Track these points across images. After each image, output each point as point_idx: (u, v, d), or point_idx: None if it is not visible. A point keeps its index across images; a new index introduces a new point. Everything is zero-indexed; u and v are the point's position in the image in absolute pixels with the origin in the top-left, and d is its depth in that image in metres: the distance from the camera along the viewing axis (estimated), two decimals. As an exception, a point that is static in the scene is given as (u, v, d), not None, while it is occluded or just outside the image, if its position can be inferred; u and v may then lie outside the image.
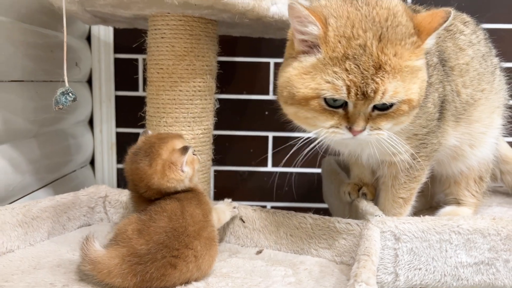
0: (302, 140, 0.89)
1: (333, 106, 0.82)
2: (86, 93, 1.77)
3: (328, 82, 0.79)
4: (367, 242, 0.84)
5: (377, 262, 0.79)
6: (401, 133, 0.96)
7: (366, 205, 1.08)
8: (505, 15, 1.79)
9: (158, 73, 1.23)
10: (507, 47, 1.81)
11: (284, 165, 1.90)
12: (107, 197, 1.19)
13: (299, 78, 0.83)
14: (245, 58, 1.84)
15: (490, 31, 1.82)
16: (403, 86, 0.80)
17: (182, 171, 0.89)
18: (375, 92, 0.79)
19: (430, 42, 0.84)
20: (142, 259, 0.79)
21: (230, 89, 1.86)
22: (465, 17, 1.19)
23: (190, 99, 1.23)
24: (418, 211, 1.25)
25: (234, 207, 1.06)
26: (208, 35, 1.24)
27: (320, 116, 0.83)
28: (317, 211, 1.07)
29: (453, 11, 0.94)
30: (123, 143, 1.86)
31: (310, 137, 0.88)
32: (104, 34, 1.78)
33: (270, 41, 1.73)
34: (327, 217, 1.02)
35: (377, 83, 0.79)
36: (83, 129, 1.77)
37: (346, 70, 0.78)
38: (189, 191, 0.92)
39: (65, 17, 1.06)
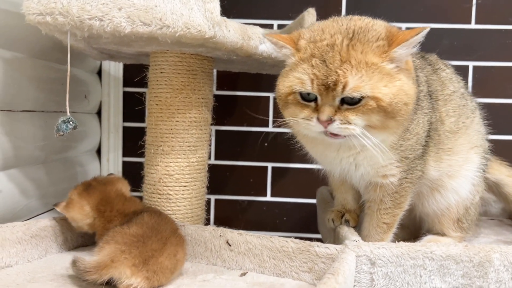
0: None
1: (308, 100, 0.95)
2: (95, 124, 1.88)
3: (297, 78, 0.94)
4: (337, 263, 0.89)
5: (343, 282, 0.83)
6: (394, 154, 1.04)
7: (346, 231, 1.12)
8: (494, 54, 1.85)
9: (157, 105, 1.32)
10: (496, 84, 1.88)
11: (283, 195, 1.96)
12: (104, 220, 1.25)
13: (281, 81, 1.00)
14: (246, 93, 1.94)
15: (480, 69, 1.89)
16: (369, 82, 0.89)
17: None
18: (335, 83, 0.89)
19: (400, 51, 0.91)
20: (140, 238, 0.91)
21: (232, 121, 1.95)
22: (445, 62, 1.29)
23: (186, 129, 1.32)
24: (405, 240, 1.28)
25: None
26: (204, 70, 1.34)
27: (296, 109, 0.97)
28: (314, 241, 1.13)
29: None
30: (129, 171, 1.95)
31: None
32: (114, 69, 1.90)
33: (270, 76, 1.82)
34: (307, 242, 1.07)
35: (338, 75, 0.88)
36: (91, 158, 1.86)
37: (312, 65, 0.92)
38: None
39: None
